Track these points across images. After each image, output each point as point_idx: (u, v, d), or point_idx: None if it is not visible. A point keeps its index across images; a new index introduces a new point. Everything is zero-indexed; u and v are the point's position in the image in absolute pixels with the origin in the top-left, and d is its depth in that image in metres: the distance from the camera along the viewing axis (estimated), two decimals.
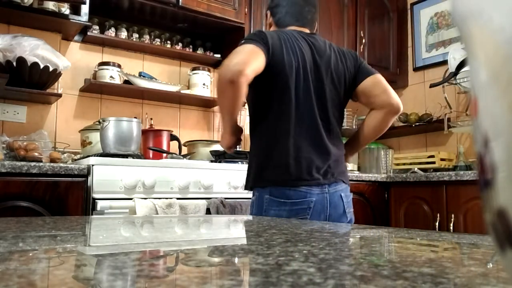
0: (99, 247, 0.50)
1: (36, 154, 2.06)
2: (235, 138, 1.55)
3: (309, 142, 1.50)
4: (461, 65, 2.74)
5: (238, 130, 1.55)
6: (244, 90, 1.36)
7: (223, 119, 1.53)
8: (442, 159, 2.93)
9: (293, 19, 1.64)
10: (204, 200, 1.99)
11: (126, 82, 2.60)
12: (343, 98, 1.64)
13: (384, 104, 1.67)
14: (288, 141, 1.48)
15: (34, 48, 2.19)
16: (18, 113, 2.38)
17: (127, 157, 2.03)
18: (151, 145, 2.44)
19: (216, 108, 3.02)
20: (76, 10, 2.35)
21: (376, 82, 1.66)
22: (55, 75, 2.27)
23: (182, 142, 2.62)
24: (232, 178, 2.15)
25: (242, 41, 1.46)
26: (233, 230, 0.75)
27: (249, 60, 1.38)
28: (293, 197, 1.45)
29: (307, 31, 1.64)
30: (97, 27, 2.55)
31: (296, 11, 1.65)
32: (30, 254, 0.40)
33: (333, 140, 1.56)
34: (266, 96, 1.51)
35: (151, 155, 2.45)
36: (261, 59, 1.41)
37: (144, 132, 2.43)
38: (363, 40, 3.26)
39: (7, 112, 2.35)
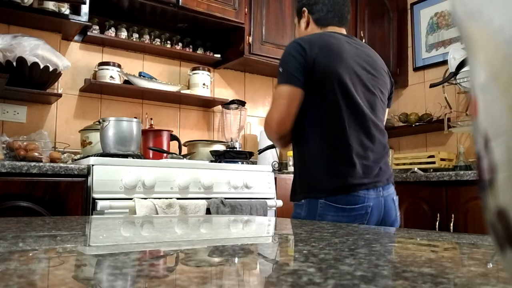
0: (99, 247, 0.50)
1: (36, 154, 2.06)
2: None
3: (362, 147, 1.47)
4: (461, 65, 2.74)
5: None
6: (290, 136, 1.49)
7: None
8: (442, 159, 2.93)
9: (334, 18, 1.58)
10: (204, 200, 1.99)
11: (126, 82, 2.60)
12: (385, 101, 1.61)
13: None
14: (344, 147, 1.44)
15: (34, 48, 2.19)
16: (18, 113, 2.38)
17: (127, 157, 2.03)
18: (151, 145, 2.44)
19: (216, 108, 3.02)
20: (76, 10, 2.35)
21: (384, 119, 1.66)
22: (55, 75, 2.27)
23: (182, 142, 2.62)
24: (232, 178, 2.15)
25: (280, 70, 1.44)
26: (233, 230, 0.75)
27: (290, 112, 1.43)
28: (351, 202, 1.41)
29: (344, 32, 1.60)
30: (97, 27, 2.55)
31: (338, 10, 1.58)
32: (30, 254, 0.40)
33: (383, 143, 1.54)
34: (316, 103, 1.46)
35: (151, 155, 2.45)
36: (300, 98, 1.43)
37: (144, 132, 2.43)
38: (363, 40, 3.26)
39: (7, 112, 2.35)
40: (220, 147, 2.65)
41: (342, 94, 1.45)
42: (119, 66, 2.58)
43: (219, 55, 2.90)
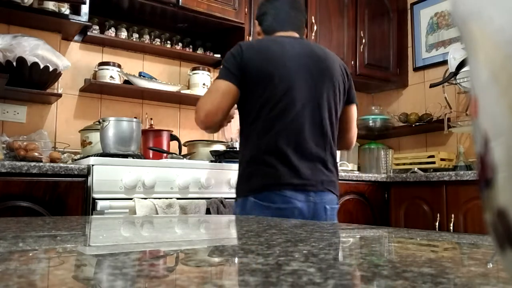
0: (99, 247, 0.50)
1: (36, 154, 2.06)
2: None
3: (298, 149, 1.49)
4: (461, 65, 2.74)
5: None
6: (220, 126, 1.59)
7: None
8: (442, 159, 2.93)
9: (279, 25, 1.67)
10: (204, 200, 1.99)
11: (126, 82, 2.60)
12: (340, 104, 1.64)
13: (343, 139, 1.73)
14: (275, 147, 1.47)
15: (34, 48, 2.19)
16: (18, 113, 2.38)
17: (127, 157, 2.03)
18: (151, 145, 2.44)
19: None
20: (76, 10, 2.34)
21: (351, 116, 1.72)
22: (55, 75, 2.27)
23: (182, 142, 2.62)
24: (232, 178, 2.15)
25: (221, 66, 1.57)
26: (233, 230, 0.75)
27: (221, 106, 1.50)
28: (277, 201, 1.44)
29: (295, 35, 1.66)
30: (97, 27, 2.55)
31: (283, 17, 1.68)
32: (30, 254, 0.40)
33: (326, 146, 1.55)
34: (251, 104, 1.53)
35: (151, 155, 2.45)
36: (234, 96, 1.51)
37: (144, 132, 2.43)
38: (363, 40, 3.26)
39: (7, 112, 2.35)
40: (220, 147, 2.65)
41: (277, 94, 1.50)
42: (119, 66, 2.58)
43: (219, 55, 2.89)
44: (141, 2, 2.48)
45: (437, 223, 2.50)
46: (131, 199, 1.85)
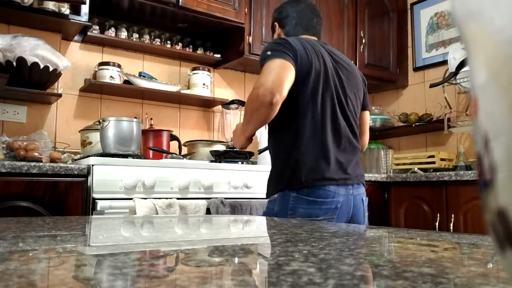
0: (99, 247, 0.50)
1: (36, 154, 2.06)
2: (251, 140, 1.65)
3: (336, 144, 1.54)
4: (461, 65, 2.74)
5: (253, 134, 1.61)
6: (278, 109, 1.41)
7: (247, 128, 1.56)
8: (442, 159, 2.92)
9: (303, 29, 1.68)
10: (204, 200, 1.99)
11: (126, 82, 2.60)
12: (359, 108, 1.70)
13: (359, 142, 1.75)
14: (316, 143, 1.51)
15: (34, 48, 2.18)
16: (18, 113, 2.38)
17: (127, 157, 2.03)
18: (151, 145, 2.44)
19: (216, 108, 3.02)
20: (76, 10, 2.34)
21: (365, 121, 1.79)
22: (55, 75, 2.27)
23: (182, 142, 2.62)
24: (232, 178, 2.15)
25: (269, 53, 1.46)
26: (233, 230, 0.75)
27: (284, 79, 1.41)
28: (322, 196, 1.48)
29: (316, 40, 1.69)
30: (97, 27, 2.55)
31: (306, 21, 1.69)
32: (30, 254, 0.40)
33: (356, 143, 1.62)
34: (294, 99, 1.50)
35: (151, 155, 2.45)
36: (292, 73, 1.44)
37: (144, 132, 2.43)
38: (363, 40, 3.26)
39: (7, 112, 2.35)
40: (220, 147, 2.65)
41: (322, 90, 1.52)
42: (119, 66, 2.58)
43: (219, 55, 2.90)
44: (141, 2, 2.48)
45: (437, 223, 2.50)
46: (131, 199, 1.85)
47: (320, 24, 1.75)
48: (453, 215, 2.42)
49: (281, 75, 1.41)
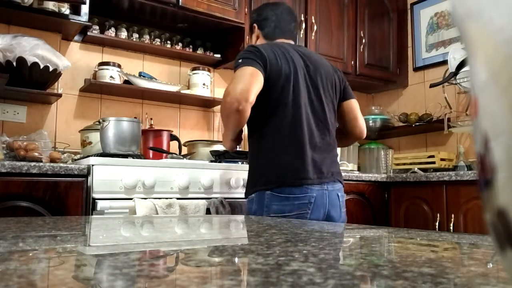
0: (99, 247, 0.50)
1: (36, 154, 2.06)
2: (237, 141, 1.69)
3: (310, 144, 1.60)
4: (461, 65, 2.74)
5: (239, 134, 1.67)
6: (248, 114, 1.50)
7: (227, 132, 1.65)
8: (442, 159, 2.93)
9: (281, 32, 1.77)
10: (204, 200, 1.99)
11: (126, 82, 2.60)
12: (336, 103, 1.77)
13: (350, 129, 1.84)
14: (290, 143, 1.57)
15: (34, 48, 2.18)
16: (18, 113, 2.38)
17: (127, 157, 2.03)
18: (151, 145, 2.44)
19: (216, 108, 3.02)
20: (76, 10, 2.34)
21: (353, 107, 1.83)
22: (55, 75, 2.27)
23: (182, 142, 2.62)
24: (232, 178, 2.15)
25: (239, 61, 1.56)
26: (233, 230, 0.75)
27: (252, 86, 1.49)
28: (295, 192, 1.53)
29: (292, 43, 1.78)
30: (97, 27, 2.55)
31: (284, 25, 1.78)
32: (30, 254, 0.40)
33: (330, 141, 1.68)
34: (265, 103, 1.59)
35: (151, 155, 2.45)
36: (260, 80, 1.53)
37: (144, 132, 2.43)
38: (363, 40, 3.26)
39: (7, 112, 2.35)
40: (220, 147, 2.65)
41: (293, 93, 1.60)
42: (119, 66, 2.58)
43: (219, 55, 2.89)
44: (141, 2, 2.48)
45: (437, 223, 2.50)
46: (131, 199, 1.85)
47: (297, 28, 1.85)
48: (453, 215, 2.42)
49: (249, 83, 1.49)
